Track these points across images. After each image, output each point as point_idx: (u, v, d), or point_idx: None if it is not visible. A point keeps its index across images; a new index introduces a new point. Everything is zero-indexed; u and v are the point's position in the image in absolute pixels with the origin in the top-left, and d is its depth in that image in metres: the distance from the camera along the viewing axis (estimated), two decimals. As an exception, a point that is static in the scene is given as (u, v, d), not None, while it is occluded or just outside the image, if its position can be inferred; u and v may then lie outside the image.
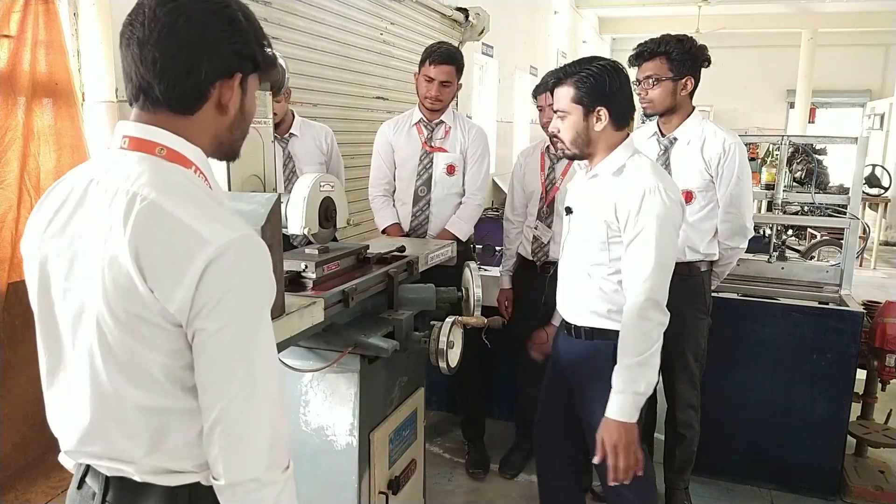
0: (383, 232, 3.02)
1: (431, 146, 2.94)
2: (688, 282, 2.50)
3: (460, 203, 2.98)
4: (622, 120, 1.84)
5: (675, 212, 1.78)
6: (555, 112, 1.88)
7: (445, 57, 2.82)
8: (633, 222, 1.77)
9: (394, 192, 3.05)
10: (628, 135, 1.88)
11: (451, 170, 2.94)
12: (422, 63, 2.87)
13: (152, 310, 0.90)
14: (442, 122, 2.95)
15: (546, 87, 2.54)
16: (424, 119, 2.95)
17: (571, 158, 1.95)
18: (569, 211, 2.00)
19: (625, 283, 1.81)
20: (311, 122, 3.03)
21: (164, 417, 0.96)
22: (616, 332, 1.83)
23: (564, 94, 1.83)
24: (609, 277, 1.85)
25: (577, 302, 1.96)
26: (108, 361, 0.94)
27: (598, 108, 1.80)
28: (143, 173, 0.94)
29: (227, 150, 1.08)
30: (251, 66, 1.03)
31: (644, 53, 2.39)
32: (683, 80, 2.38)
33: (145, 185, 0.93)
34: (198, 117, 1.00)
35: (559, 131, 1.88)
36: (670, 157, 2.46)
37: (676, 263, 2.45)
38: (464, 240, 2.96)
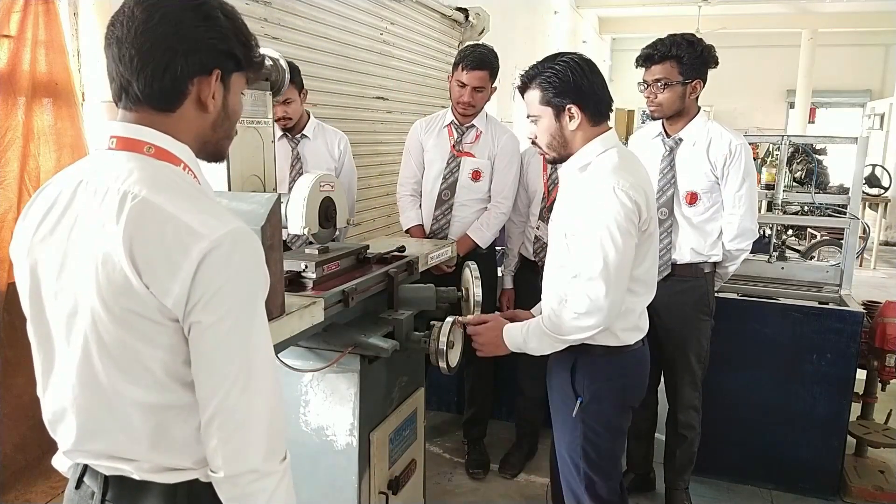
0: (406, 231, 3.00)
1: (459, 150, 2.90)
2: (691, 283, 2.50)
3: (483, 209, 2.93)
4: (597, 114, 1.75)
5: (628, 213, 1.64)
6: (528, 117, 1.80)
7: (478, 62, 2.74)
8: (581, 221, 1.70)
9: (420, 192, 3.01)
10: (609, 129, 1.79)
11: (476, 175, 2.89)
12: (454, 67, 2.81)
13: (149, 305, 0.91)
14: (473, 125, 2.90)
15: None
16: (456, 122, 2.91)
17: (553, 163, 1.85)
18: None
19: (577, 279, 1.72)
20: (326, 126, 2.98)
21: (164, 414, 0.97)
22: (568, 350, 1.76)
23: (533, 98, 1.76)
24: (572, 281, 1.74)
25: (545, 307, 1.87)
26: (105, 359, 0.95)
27: (568, 106, 1.71)
28: (132, 172, 0.95)
29: (212, 150, 1.08)
30: (232, 64, 1.03)
31: (654, 56, 2.35)
32: (693, 84, 2.35)
33: (136, 182, 0.93)
34: (179, 115, 1.00)
35: (536, 136, 1.79)
36: (675, 158, 2.45)
37: (680, 265, 2.48)
38: (484, 247, 2.92)
